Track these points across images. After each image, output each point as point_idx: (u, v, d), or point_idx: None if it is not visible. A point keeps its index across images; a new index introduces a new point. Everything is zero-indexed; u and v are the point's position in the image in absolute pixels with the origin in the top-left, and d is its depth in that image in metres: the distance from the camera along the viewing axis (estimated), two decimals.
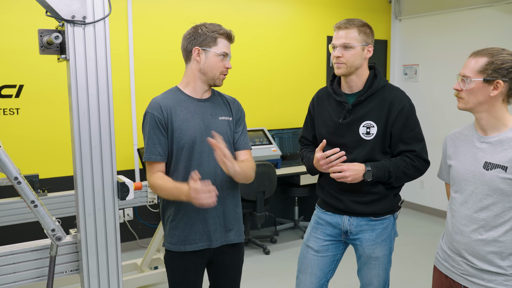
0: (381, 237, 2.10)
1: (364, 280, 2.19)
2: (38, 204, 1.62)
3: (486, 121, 1.66)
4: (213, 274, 2.09)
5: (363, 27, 2.02)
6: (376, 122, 2.02)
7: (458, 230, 1.71)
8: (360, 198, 2.06)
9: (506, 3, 4.75)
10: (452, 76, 5.21)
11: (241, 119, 2.08)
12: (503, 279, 1.62)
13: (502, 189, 1.59)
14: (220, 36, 1.92)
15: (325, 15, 5.37)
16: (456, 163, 1.76)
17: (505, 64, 1.58)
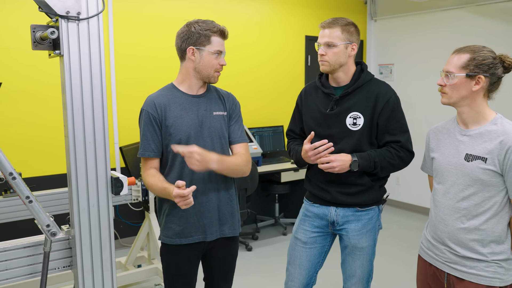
0: (366, 227, 2.16)
1: (347, 271, 2.23)
2: (33, 199, 1.62)
3: (468, 115, 1.75)
4: (208, 266, 2.13)
5: (347, 26, 2.08)
6: (362, 113, 2.07)
7: (441, 220, 1.80)
8: (346, 189, 2.12)
9: (477, 5, 4.94)
10: (426, 75, 5.40)
11: (235, 113, 2.10)
12: (484, 265, 1.71)
13: (482, 179, 1.67)
14: (214, 34, 1.94)
15: (303, 15, 5.46)
16: (438, 156, 1.84)
17: (486, 60, 1.67)
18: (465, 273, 1.74)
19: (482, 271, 1.71)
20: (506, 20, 4.71)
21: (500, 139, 1.65)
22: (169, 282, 2.06)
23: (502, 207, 1.69)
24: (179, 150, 1.85)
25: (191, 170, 1.95)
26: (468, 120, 1.76)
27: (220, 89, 2.14)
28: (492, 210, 1.69)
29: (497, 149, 1.65)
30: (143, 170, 1.98)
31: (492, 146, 1.66)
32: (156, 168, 1.97)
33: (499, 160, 1.64)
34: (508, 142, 1.63)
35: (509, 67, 1.72)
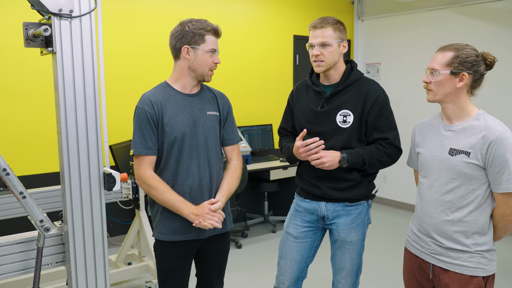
0: (355, 221, 2.20)
1: (337, 265, 2.26)
2: (26, 195, 1.64)
3: (452, 111, 1.81)
4: (201, 261, 2.16)
5: (337, 24, 2.12)
6: (352, 111, 2.11)
7: (427, 212, 1.85)
8: (336, 185, 2.16)
9: (461, 5, 5.04)
10: (412, 74, 5.49)
11: (228, 114, 2.14)
12: (467, 256, 1.77)
13: (466, 173, 1.73)
14: (208, 33, 1.97)
15: (291, 15, 5.51)
16: (424, 150, 1.90)
17: (469, 58, 1.73)
18: (450, 264, 1.80)
19: (465, 262, 1.77)
20: (488, 20, 4.81)
21: (483, 134, 1.71)
22: (163, 278, 2.08)
23: (485, 199, 1.75)
24: None
25: (186, 168, 1.99)
26: (452, 116, 1.82)
27: (213, 88, 2.17)
28: (475, 202, 1.75)
29: (479, 143, 1.71)
30: (140, 168, 1.98)
31: (475, 141, 1.72)
32: (152, 165, 1.99)
33: (481, 154, 1.70)
34: (490, 137, 1.69)
35: (491, 64, 1.78)
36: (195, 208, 1.95)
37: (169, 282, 2.08)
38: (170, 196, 1.95)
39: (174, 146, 1.98)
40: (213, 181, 2.06)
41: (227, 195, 2.07)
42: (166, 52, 2.06)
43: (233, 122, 2.18)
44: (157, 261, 2.10)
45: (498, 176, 1.68)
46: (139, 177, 1.99)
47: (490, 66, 1.79)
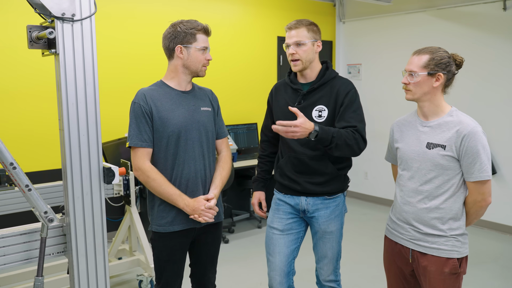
0: (334, 213, 2.34)
1: (319, 254, 2.40)
2: (32, 188, 1.74)
3: (428, 108, 1.98)
4: (195, 252, 2.28)
5: (311, 25, 2.28)
6: (326, 106, 2.26)
7: (406, 202, 2.01)
8: (315, 179, 2.29)
9: (437, 9, 5.26)
10: (391, 74, 5.70)
11: (218, 109, 2.31)
12: (443, 240, 1.93)
13: (442, 164, 1.90)
14: (199, 32, 2.11)
15: (275, 17, 5.66)
16: (402, 145, 2.06)
17: (443, 59, 1.91)
18: (428, 248, 1.96)
19: (442, 245, 1.93)
20: (463, 22, 5.04)
21: (457, 129, 1.88)
22: (161, 269, 2.19)
23: (459, 188, 1.93)
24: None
25: (182, 161, 2.12)
26: (428, 113, 1.99)
27: (201, 86, 2.32)
28: (450, 191, 1.92)
29: (454, 137, 1.88)
30: (138, 160, 2.09)
31: (450, 135, 1.89)
32: (149, 157, 2.11)
33: (456, 147, 1.87)
34: (463, 131, 1.86)
35: (460, 64, 1.97)
36: (190, 201, 2.09)
37: (166, 273, 2.19)
38: (167, 189, 2.08)
39: (171, 140, 2.10)
40: (207, 173, 2.20)
41: (221, 187, 2.22)
42: (154, 53, 2.18)
43: (221, 117, 2.35)
44: (154, 253, 2.21)
45: (471, 166, 1.86)
46: (138, 168, 2.10)
47: (460, 66, 1.97)
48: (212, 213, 2.12)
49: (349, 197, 6.33)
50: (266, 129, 2.54)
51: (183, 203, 2.08)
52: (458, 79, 2.03)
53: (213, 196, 2.16)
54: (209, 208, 2.11)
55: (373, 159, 5.93)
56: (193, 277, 2.35)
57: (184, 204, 2.08)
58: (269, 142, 2.54)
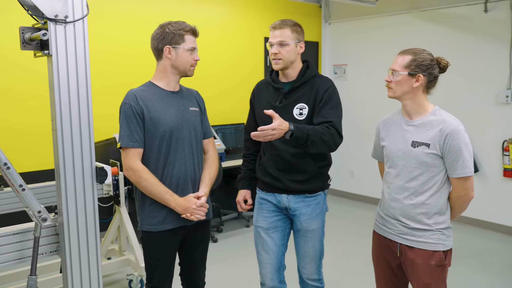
0: (315, 211, 2.37)
1: (301, 253, 2.43)
2: (25, 188, 1.76)
3: (411, 107, 2.05)
4: (186, 250, 2.31)
5: (295, 26, 2.31)
6: (307, 104, 2.29)
7: (394, 198, 2.08)
8: (296, 177, 2.33)
9: (421, 10, 5.37)
10: (376, 75, 5.80)
11: (205, 110, 2.37)
12: (429, 233, 2.01)
13: (427, 162, 1.97)
14: (187, 32, 2.15)
15: (262, 17, 5.71)
16: (388, 143, 2.13)
17: (424, 62, 1.97)
18: (415, 242, 2.03)
19: (428, 239, 2.01)
20: (446, 24, 5.16)
21: (440, 127, 1.95)
22: (152, 268, 2.22)
23: (443, 184, 2.00)
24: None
25: (173, 160, 2.15)
26: (412, 112, 2.05)
27: (187, 87, 2.36)
28: (435, 187, 1.99)
29: (437, 135, 1.95)
30: (129, 160, 2.11)
31: (434, 134, 1.96)
32: (140, 159, 2.13)
33: (439, 145, 1.95)
34: (446, 130, 1.94)
35: (444, 68, 2.03)
36: (181, 201, 2.13)
37: (158, 272, 2.22)
38: (159, 188, 2.11)
39: (163, 140, 2.14)
40: (197, 172, 2.25)
41: (210, 185, 2.27)
42: (143, 53, 2.20)
43: (207, 117, 2.39)
44: (145, 253, 2.23)
45: (454, 163, 1.93)
46: (129, 168, 2.12)
47: (444, 70, 2.04)
48: (204, 210, 2.17)
49: (335, 195, 6.41)
50: (249, 128, 2.57)
51: (174, 203, 2.12)
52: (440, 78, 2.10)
53: (203, 194, 2.20)
54: (200, 206, 2.15)
55: (359, 158, 6.02)
56: (183, 275, 2.38)
57: (175, 204, 2.12)
58: (252, 141, 2.55)
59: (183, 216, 2.14)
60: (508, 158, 4.69)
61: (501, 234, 4.83)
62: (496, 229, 4.90)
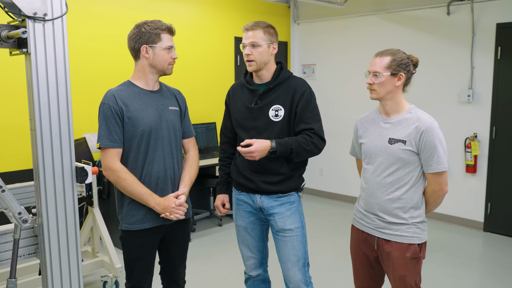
0: (290, 210, 2.35)
1: (282, 256, 2.38)
2: (5, 189, 1.72)
3: (390, 107, 2.13)
4: (165, 248, 2.32)
5: (268, 28, 2.33)
6: (283, 106, 2.31)
7: (371, 194, 2.16)
8: (269, 179, 2.33)
9: (387, 12, 5.54)
10: (345, 74, 5.94)
11: (186, 109, 2.36)
12: (405, 227, 2.09)
13: (403, 158, 2.06)
14: (163, 31, 2.15)
15: (232, 17, 5.73)
16: (366, 141, 2.20)
17: (403, 60, 2.06)
18: (391, 235, 2.11)
19: (404, 232, 2.09)
20: (410, 25, 5.34)
21: (416, 125, 2.04)
22: (131, 267, 2.21)
23: (418, 179, 2.09)
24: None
25: (152, 159, 2.15)
26: (390, 111, 2.14)
27: (168, 86, 2.36)
28: (411, 182, 2.08)
29: (413, 133, 2.04)
30: (108, 160, 2.10)
31: (410, 131, 2.05)
32: (119, 158, 2.12)
33: (415, 142, 2.03)
34: (421, 127, 2.02)
35: (416, 64, 2.13)
36: (161, 200, 2.13)
37: (137, 270, 2.22)
38: (138, 188, 2.11)
39: (142, 139, 2.13)
40: (176, 171, 2.25)
41: (190, 185, 2.28)
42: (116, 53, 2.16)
43: (188, 117, 2.40)
44: (124, 251, 2.22)
45: (429, 159, 2.03)
46: (108, 168, 2.11)
47: (416, 66, 2.13)
48: (183, 209, 2.18)
49: (306, 193, 6.51)
50: (225, 130, 2.57)
51: (153, 202, 2.12)
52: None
53: (183, 193, 2.21)
54: (179, 205, 2.16)
55: (328, 156, 6.14)
56: (163, 274, 2.38)
57: (155, 203, 2.12)
58: (229, 143, 2.56)
59: (162, 216, 2.14)
60: (470, 154, 4.91)
61: (464, 227, 5.06)
62: (459, 223, 5.12)
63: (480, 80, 4.86)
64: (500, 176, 4.82)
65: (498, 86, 4.74)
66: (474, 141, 4.88)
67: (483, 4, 4.76)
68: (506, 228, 4.81)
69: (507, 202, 4.79)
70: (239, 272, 3.81)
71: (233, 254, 4.22)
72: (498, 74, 4.73)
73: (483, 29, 4.78)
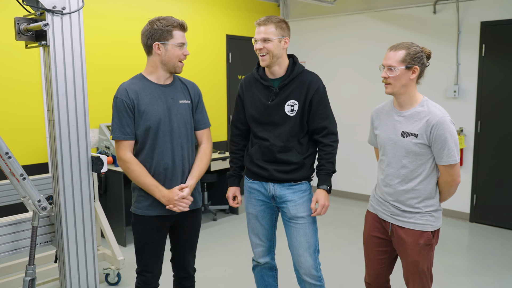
0: (302, 198, 2.45)
1: (293, 243, 2.44)
2: (26, 177, 1.77)
3: (404, 100, 2.18)
4: (175, 236, 2.38)
5: (280, 22, 2.37)
6: (297, 100, 2.38)
7: (387, 184, 2.24)
8: (282, 168, 2.42)
9: (375, 11, 5.68)
10: (334, 71, 6.06)
11: (199, 101, 2.40)
12: (419, 215, 2.17)
13: (415, 151, 2.13)
14: (175, 28, 2.19)
15: (223, 15, 5.80)
16: (380, 132, 2.27)
17: (417, 54, 2.11)
18: (405, 222, 2.19)
19: (418, 220, 2.17)
20: (398, 24, 5.50)
21: (427, 119, 2.10)
22: (140, 250, 2.29)
23: (431, 171, 2.16)
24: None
25: (161, 151, 2.22)
26: (404, 104, 2.19)
27: (183, 78, 2.40)
28: (424, 174, 2.15)
29: (424, 126, 2.10)
30: (120, 151, 2.18)
31: (421, 125, 2.11)
32: (131, 148, 2.20)
33: (426, 135, 2.10)
34: (432, 121, 2.08)
35: (429, 56, 2.18)
36: (166, 192, 2.19)
37: (146, 254, 2.29)
38: (145, 179, 2.18)
39: (150, 132, 2.19)
40: (185, 163, 2.30)
41: (197, 177, 2.32)
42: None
43: (203, 109, 2.43)
44: (134, 236, 2.30)
45: (440, 152, 2.09)
46: (120, 159, 2.19)
47: (429, 58, 2.18)
48: (186, 202, 2.23)
49: None
50: (238, 122, 2.59)
51: (159, 194, 2.19)
52: None
53: (187, 185, 2.26)
54: (182, 198, 2.21)
55: None
56: (173, 261, 2.45)
57: (160, 195, 2.19)
58: (242, 135, 2.60)
59: (167, 207, 2.21)
60: None
61: (451, 219, 5.23)
62: (446, 214, 5.29)
63: (465, 77, 5.03)
64: (485, 168, 5.01)
65: (483, 82, 4.92)
66: (460, 135, 5.05)
67: (468, 3, 4.94)
68: (491, 218, 5.00)
69: (492, 194, 4.98)
70: (237, 264, 3.89)
71: (230, 248, 4.30)
72: (483, 71, 4.91)
73: (468, 27, 4.96)
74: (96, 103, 4.38)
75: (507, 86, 4.78)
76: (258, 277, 2.69)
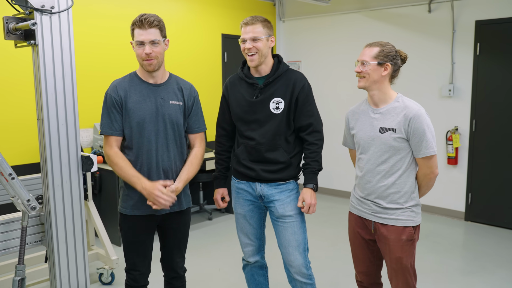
0: (289, 197, 2.43)
1: (282, 242, 2.45)
2: (15, 176, 1.77)
3: (377, 97, 2.23)
4: (163, 236, 2.38)
5: (265, 22, 2.39)
6: (283, 98, 2.39)
7: (367, 181, 2.26)
8: (269, 167, 2.42)
9: (370, 10, 5.69)
10: (329, 70, 6.07)
11: (194, 104, 2.36)
12: (400, 211, 2.20)
13: (394, 146, 2.16)
14: (135, 26, 2.17)
15: (219, 14, 5.80)
16: (358, 131, 2.30)
17: (391, 52, 2.17)
18: (387, 219, 2.21)
19: (399, 216, 2.20)
20: (393, 23, 5.50)
21: (404, 113, 2.14)
22: (127, 249, 2.30)
23: (410, 164, 2.20)
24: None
25: (145, 150, 2.21)
26: (378, 101, 2.24)
27: (181, 79, 2.38)
28: (403, 168, 2.19)
29: (402, 120, 2.14)
30: (106, 146, 2.21)
31: (399, 119, 2.15)
32: (118, 144, 2.21)
33: (404, 129, 2.14)
34: (409, 115, 2.13)
35: (404, 59, 2.25)
36: (148, 184, 2.15)
37: (132, 253, 2.30)
38: (128, 171, 2.17)
39: (136, 130, 2.19)
40: (172, 165, 2.26)
41: (185, 181, 2.28)
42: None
43: (198, 112, 2.39)
44: (122, 234, 2.32)
45: (419, 144, 2.13)
46: (105, 154, 2.22)
47: (404, 61, 2.25)
48: (165, 199, 2.14)
49: None
50: (223, 123, 2.57)
51: (141, 185, 2.15)
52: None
53: (171, 184, 2.20)
54: (163, 194, 2.14)
55: None
56: (162, 261, 2.45)
57: (141, 187, 2.15)
58: (227, 136, 2.59)
59: (148, 203, 2.16)
60: (451, 147, 5.09)
61: (446, 217, 5.24)
62: (441, 213, 5.31)
63: (460, 75, 5.04)
64: (480, 167, 5.02)
65: (478, 81, 4.93)
66: (455, 134, 5.06)
67: (462, 2, 4.94)
68: (486, 217, 5.01)
69: (487, 192, 4.99)
70: (232, 263, 3.89)
71: (224, 247, 4.30)
72: (478, 69, 4.92)
73: (463, 26, 4.96)
74: (90, 102, 4.38)
75: (502, 84, 4.79)
76: (249, 276, 2.69)
